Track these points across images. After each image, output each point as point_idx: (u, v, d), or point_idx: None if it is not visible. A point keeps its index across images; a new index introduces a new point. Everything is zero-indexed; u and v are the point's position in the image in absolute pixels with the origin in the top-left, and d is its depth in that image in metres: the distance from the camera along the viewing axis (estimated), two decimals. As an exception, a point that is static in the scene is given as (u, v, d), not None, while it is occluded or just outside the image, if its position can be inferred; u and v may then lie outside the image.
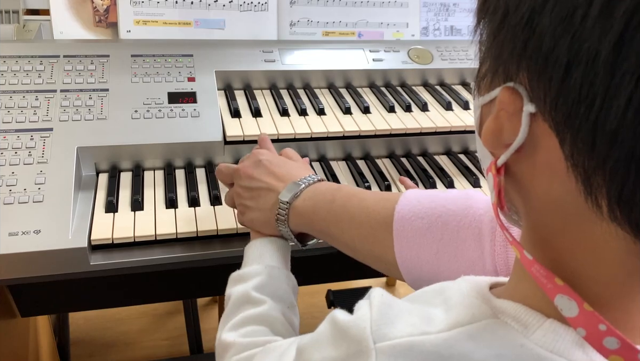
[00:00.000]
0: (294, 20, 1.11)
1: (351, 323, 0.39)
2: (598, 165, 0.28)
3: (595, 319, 0.31)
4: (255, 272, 0.62)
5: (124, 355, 1.62)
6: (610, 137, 0.27)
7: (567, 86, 0.28)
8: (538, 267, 0.33)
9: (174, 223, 0.77)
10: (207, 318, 1.72)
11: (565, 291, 0.32)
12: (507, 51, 0.32)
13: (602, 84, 0.27)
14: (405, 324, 0.37)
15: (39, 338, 1.18)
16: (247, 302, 0.60)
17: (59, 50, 0.95)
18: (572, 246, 0.33)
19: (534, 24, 0.30)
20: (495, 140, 0.34)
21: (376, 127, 0.96)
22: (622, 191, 0.28)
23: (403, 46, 1.12)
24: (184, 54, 0.99)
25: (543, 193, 0.33)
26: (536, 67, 0.30)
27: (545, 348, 0.33)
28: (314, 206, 0.63)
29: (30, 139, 0.81)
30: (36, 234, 0.71)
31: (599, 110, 0.27)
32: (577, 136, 0.29)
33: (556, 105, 0.29)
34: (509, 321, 0.35)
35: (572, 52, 0.28)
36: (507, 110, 0.33)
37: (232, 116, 0.94)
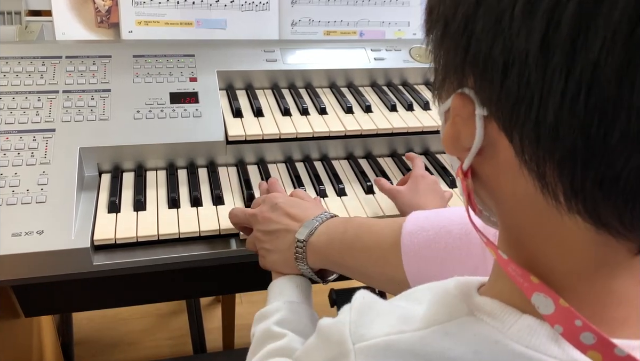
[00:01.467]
0: (296, 20, 1.11)
1: (332, 326, 0.41)
2: (546, 160, 0.29)
3: (571, 315, 0.31)
4: (276, 308, 0.64)
5: (128, 354, 1.63)
6: (552, 133, 0.28)
7: (507, 87, 0.29)
8: (514, 266, 0.34)
9: (177, 223, 0.78)
10: (210, 318, 1.72)
11: (541, 288, 0.32)
12: (452, 59, 0.33)
13: (536, 82, 0.28)
14: (383, 324, 0.38)
15: (42, 338, 1.19)
16: (269, 337, 0.61)
17: (61, 51, 0.95)
18: (543, 242, 0.33)
19: (469, 31, 0.31)
20: (454, 145, 0.35)
21: (378, 126, 0.96)
22: (573, 182, 0.28)
23: (404, 45, 1.12)
24: (185, 54, 0.99)
25: (510, 193, 0.34)
26: (478, 70, 0.31)
27: (521, 343, 0.33)
28: (328, 240, 0.64)
29: (33, 140, 0.82)
30: (39, 234, 0.71)
31: (538, 108, 0.28)
32: (522, 134, 0.29)
33: (500, 105, 0.30)
34: (485, 318, 0.35)
35: (506, 53, 0.29)
36: (461, 115, 0.34)
37: (234, 115, 0.95)
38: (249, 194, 0.84)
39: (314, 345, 0.43)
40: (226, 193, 0.85)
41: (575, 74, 0.26)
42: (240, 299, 1.78)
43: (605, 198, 0.28)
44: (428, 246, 0.57)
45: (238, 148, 0.92)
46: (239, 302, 1.75)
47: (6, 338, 0.94)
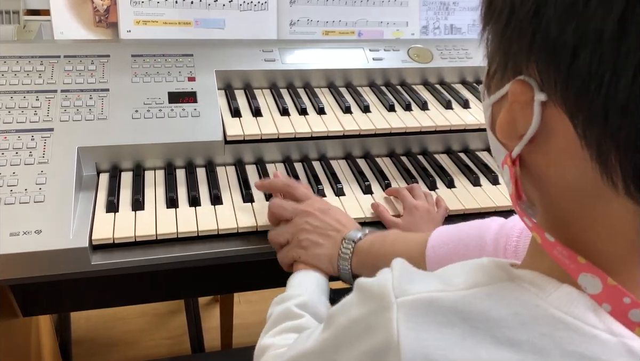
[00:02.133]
0: (294, 20, 1.11)
1: (374, 282, 0.42)
2: (612, 140, 0.30)
3: (619, 292, 0.32)
4: (297, 294, 0.67)
5: (126, 354, 1.63)
6: (621, 109, 0.29)
7: (577, 68, 0.30)
8: (560, 248, 0.35)
9: (175, 222, 0.78)
10: (208, 317, 1.72)
11: (588, 268, 0.33)
12: (516, 46, 0.34)
13: (609, 60, 0.29)
14: (426, 282, 0.40)
15: (40, 337, 1.18)
16: (288, 316, 0.64)
17: (60, 51, 0.95)
18: (589, 224, 0.34)
19: (540, 16, 0.32)
20: (509, 131, 0.36)
21: (376, 126, 0.96)
22: (636, 165, 0.29)
23: (403, 45, 1.12)
24: (184, 54, 0.99)
25: (558, 179, 0.35)
26: (545, 55, 0.32)
27: (560, 309, 0.34)
28: (370, 245, 0.70)
29: (31, 139, 0.82)
30: (37, 234, 0.71)
31: (609, 85, 0.29)
32: (589, 114, 0.30)
33: (567, 87, 0.31)
34: (526, 285, 0.36)
35: (578, 35, 0.30)
36: (519, 101, 0.35)
37: (233, 115, 0.95)
38: (248, 194, 0.84)
39: (351, 301, 0.43)
40: (224, 193, 0.85)
41: None
42: (238, 299, 1.78)
43: None
44: (449, 259, 0.61)
45: (236, 148, 0.92)
46: (237, 302, 1.75)
47: (4, 338, 0.94)
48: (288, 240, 0.75)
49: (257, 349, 0.62)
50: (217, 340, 1.54)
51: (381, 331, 0.38)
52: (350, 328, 0.42)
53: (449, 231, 0.65)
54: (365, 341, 0.40)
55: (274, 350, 0.59)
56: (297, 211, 0.75)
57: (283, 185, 0.80)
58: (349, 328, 0.42)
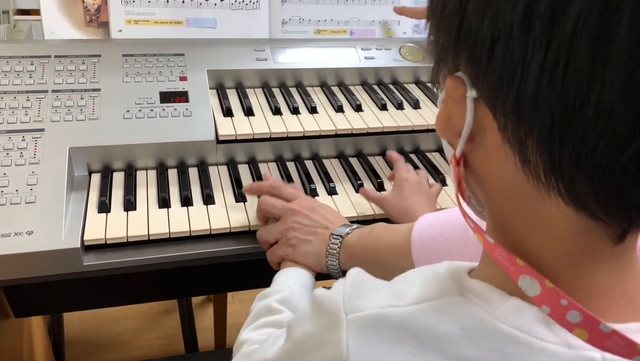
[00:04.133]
0: (286, 19, 1.11)
1: (326, 297, 0.42)
2: (527, 134, 0.30)
3: (557, 294, 0.32)
4: (278, 290, 0.68)
5: (119, 354, 1.62)
6: (531, 104, 0.29)
7: (493, 61, 0.30)
8: (500, 250, 0.35)
9: (167, 222, 0.77)
10: (202, 317, 1.72)
11: (527, 271, 0.33)
12: (446, 41, 0.34)
13: (518, 54, 0.29)
14: (376, 298, 0.39)
15: (33, 338, 1.18)
16: (268, 311, 0.64)
17: (50, 51, 0.94)
18: (527, 229, 0.34)
19: (462, 8, 0.32)
20: (445, 128, 0.36)
21: (368, 125, 0.96)
22: (551, 158, 0.29)
23: (394, 44, 1.13)
24: (175, 53, 0.99)
25: (497, 180, 0.35)
26: (468, 49, 0.32)
27: (508, 323, 0.34)
28: (358, 238, 0.70)
29: (22, 139, 0.81)
30: (29, 235, 0.71)
31: (520, 79, 0.29)
32: (505, 108, 0.30)
33: (486, 81, 0.31)
34: (474, 298, 0.36)
35: (493, 27, 0.30)
36: (453, 98, 0.35)
37: (225, 115, 0.94)
38: (240, 194, 0.84)
39: (307, 314, 0.44)
40: (217, 193, 0.85)
41: (553, 46, 0.27)
42: (232, 298, 1.77)
43: (582, 174, 0.29)
44: (434, 239, 0.62)
45: (228, 147, 0.92)
46: (231, 301, 1.75)
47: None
48: (277, 239, 0.75)
49: (236, 343, 0.63)
50: (211, 339, 1.54)
51: (332, 347, 0.39)
52: (304, 342, 0.43)
53: (435, 214, 0.65)
54: (317, 355, 0.41)
55: (249, 345, 0.59)
56: (285, 210, 0.75)
57: (270, 187, 0.80)
58: (303, 341, 0.43)
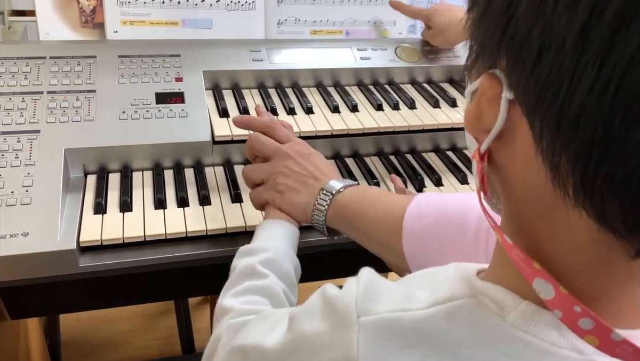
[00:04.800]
0: (282, 19, 1.11)
1: (338, 297, 0.42)
2: (563, 150, 0.29)
3: (571, 301, 0.32)
4: (263, 248, 0.65)
5: (116, 355, 1.62)
6: (573, 122, 0.28)
7: (539, 71, 0.29)
8: (518, 251, 0.34)
9: (163, 223, 0.77)
10: (198, 318, 1.72)
11: (542, 275, 0.33)
12: (489, 38, 0.33)
13: (568, 70, 0.28)
14: (388, 301, 0.39)
15: (29, 340, 1.18)
16: (252, 274, 0.63)
17: (45, 52, 0.94)
18: (547, 233, 0.34)
19: (511, 10, 0.31)
20: (475, 124, 0.36)
21: (364, 125, 0.96)
22: (584, 176, 0.29)
23: (390, 44, 1.13)
24: (171, 54, 0.99)
25: (521, 181, 0.34)
26: (513, 52, 0.31)
27: (520, 328, 0.34)
28: (349, 200, 0.68)
29: (17, 141, 0.81)
30: (24, 236, 0.71)
31: (565, 95, 0.28)
32: (544, 121, 0.30)
33: (528, 88, 0.30)
34: (487, 301, 0.36)
35: (544, 37, 0.29)
36: (487, 96, 0.34)
37: (221, 115, 0.94)
38: (236, 194, 0.84)
39: (316, 310, 0.43)
40: (213, 193, 0.85)
41: (608, 67, 0.26)
42: (229, 299, 1.77)
43: (613, 196, 0.28)
44: (427, 232, 0.60)
45: (225, 148, 0.92)
46: (228, 301, 1.75)
47: (-8, 341, 0.94)
48: (263, 180, 0.73)
49: (217, 308, 0.61)
50: (208, 340, 1.54)
51: (342, 348, 0.39)
52: (311, 339, 0.42)
53: (430, 201, 0.63)
54: (325, 355, 0.40)
55: (233, 316, 0.57)
56: (277, 151, 0.73)
57: (263, 125, 0.77)
58: (310, 338, 0.42)
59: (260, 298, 0.60)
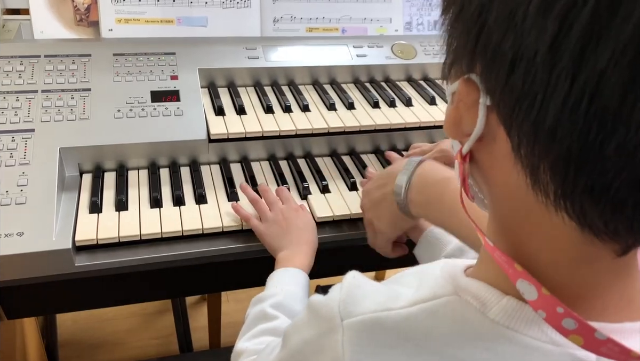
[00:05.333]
0: (277, 17, 1.10)
1: (322, 303, 0.42)
2: (541, 159, 0.29)
3: (553, 302, 0.32)
4: (273, 293, 0.67)
5: (113, 355, 1.61)
6: (549, 134, 0.28)
7: (513, 81, 0.29)
8: (499, 253, 0.35)
9: (159, 222, 0.77)
10: (196, 317, 1.71)
11: (524, 276, 0.33)
12: (463, 43, 0.33)
13: (540, 83, 0.27)
14: (371, 301, 0.40)
15: (26, 340, 1.17)
16: (263, 318, 0.65)
17: (40, 50, 0.94)
18: (529, 233, 0.34)
19: (483, 19, 0.30)
20: (455, 129, 0.36)
21: (361, 123, 0.96)
22: (564, 185, 0.29)
23: (386, 41, 1.13)
24: (166, 52, 0.98)
25: (502, 183, 0.35)
26: (486, 60, 0.31)
27: (502, 324, 0.34)
28: (427, 200, 0.66)
29: (12, 140, 0.81)
30: (19, 236, 0.70)
31: (539, 108, 0.28)
32: (521, 130, 0.30)
33: (503, 98, 0.30)
34: (469, 298, 0.36)
35: (515, 48, 0.28)
36: (465, 101, 0.34)
37: (216, 114, 0.94)
38: (232, 193, 0.84)
39: (304, 320, 0.44)
40: (209, 192, 0.85)
41: (580, 81, 0.26)
42: (226, 298, 1.77)
43: (593, 204, 0.28)
44: None
45: (221, 146, 0.91)
46: (225, 300, 1.74)
47: (-12, 341, 0.93)
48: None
49: (233, 354, 0.63)
50: (206, 339, 1.54)
51: (329, 353, 0.40)
52: (302, 349, 0.43)
53: None
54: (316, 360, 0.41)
55: (246, 357, 0.60)
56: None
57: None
58: (301, 348, 0.43)
59: (273, 338, 0.62)
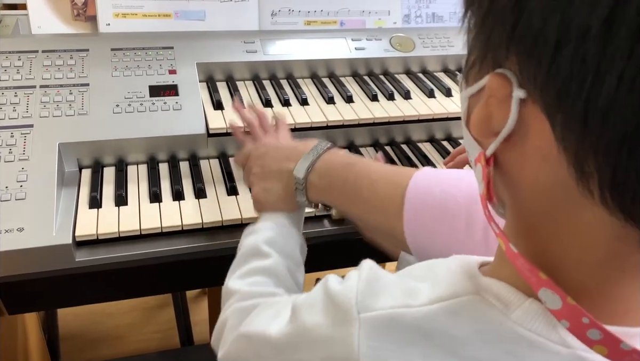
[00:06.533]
0: (275, 10, 1.10)
1: (339, 292, 0.41)
2: (590, 147, 0.28)
3: (578, 312, 0.31)
4: (267, 227, 0.66)
5: (115, 349, 1.62)
6: (603, 115, 0.26)
7: (558, 65, 0.28)
8: (522, 261, 0.33)
9: (159, 217, 0.77)
10: (196, 310, 1.72)
11: (549, 285, 0.32)
12: (496, 36, 0.32)
13: (593, 60, 0.26)
14: (389, 297, 0.39)
15: (27, 335, 1.18)
16: (256, 254, 0.63)
17: (38, 46, 0.93)
18: (558, 231, 0.33)
19: (522, 5, 0.29)
20: (484, 128, 0.34)
21: (359, 116, 0.96)
22: (615, 174, 0.27)
23: (385, 34, 1.12)
24: (164, 47, 0.98)
25: (531, 181, 0.33)
26: (525, 48, 0.30)
27: (524, 326, 0.34)
28: (329, 184, 0.65)
29: (11, 136, 0.81)
30: (20, 232, 0.70)
31: (591, 87, 0.27)
32: (568, 116, 0.28)
33: (547, 84, 0.29)
34: (491, 298, 0.35)
35: (562, 30, 0.27)
36: (497, 96, 0.33)
37: (215, 108, 0.94)
38: (232, 187, 0.84)
39: (318, 303, 0.43)
40: (208, 186, 0.85)
41: (638, 56, 0.25)
42: (226, 291, 1.78)
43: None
44: (432, 224, 0.57)
45: (220, 140, 0.91)
46: (226, 294, 1.75)
47: (-10, 337, 0.94)
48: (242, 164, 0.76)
49: (224, 290, 0.62)
50: (206, 332, 1.54)
51: (342, 344, 0.39)
52: (312, 332, 0.42)
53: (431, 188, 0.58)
54: (325, 349, 0.41)
55: (239, 299, 0.58)
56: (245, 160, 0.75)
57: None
58: (311, 331, 0.42)
59: (265, 279, 0.61)
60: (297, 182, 0.66)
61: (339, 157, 0.67)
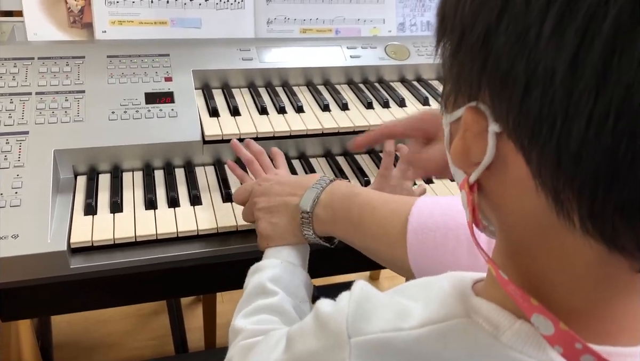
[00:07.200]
0: (271, 18, 1.11)
1: (330, 316, 0.41)
2: (566, 183, 0.28)
3: (571, 338, 0.31)
4: (272, 265, 0.66)
5: (109, 356, 1.61)
6: (575, 156, 0.26)
7: (528, 106, 0.28)
8: (513, 287, 0.33)
9: (154, 224, 0.77)
10: (191, 317, 1.71)
11: (541, 311, 0.32)
12: (467, 71, 0.32)
13: (561, 103, 0.26)
14: (380, 319, 0.39)
15: (21, 342, 1.17)
16: (261, 293, 0.63)
17: (34, 52, 0.94)
18: (545, 255, 0.33)
19: (489, 44, 0.29)
20: (463, 159, 0.34)
21: (355, 123, 0.97)
22: (592, 208, 0.27)
23: (380, 42, 1.13)
24: (160, 54, 0.99)
25: (515, 208, 0.33)
26: (495, 88, 0.30)
27: (514, 349, 0.33)
28: (333, 216, 0.65)
29: (6, 143, 0.81)
30: (14, 238, 0.70)
31: (561, 130, 0.27)
32: (542, 156, 0.28)
33: (519, 125, 0.29)
34: (481, 321, 0.35)
35: (529, 72, 0.27)
36: (472, 130, 0.33)
37: (211, 115, 0.94)
38: (227, 194, 0.84)
39: (310, 329, 0.43)
40: (204, 193, 0.85)
41: (605, 97, 0.25)
42: (221, 298, 1.77)
43: (624, 223, 0.27)
44: (435, 248, 0.57)
45: (215, 148, 0.92)
46: (220, 301, 1.74)
47: (-17, 344, 0.93)
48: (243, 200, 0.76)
49: (231, 329, 0.62)
50: (201, 339, 1.54)
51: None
52: (306, 359, 0.42)
53: (434, 214, 0.58)
54: None
55: (244, 337, 0.58)
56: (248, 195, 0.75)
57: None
58: (305, 358, 0.42)
59: (271, 317, 0.61)
60: (303, 215, 0.67)
61: (342, 188, 0.67)
